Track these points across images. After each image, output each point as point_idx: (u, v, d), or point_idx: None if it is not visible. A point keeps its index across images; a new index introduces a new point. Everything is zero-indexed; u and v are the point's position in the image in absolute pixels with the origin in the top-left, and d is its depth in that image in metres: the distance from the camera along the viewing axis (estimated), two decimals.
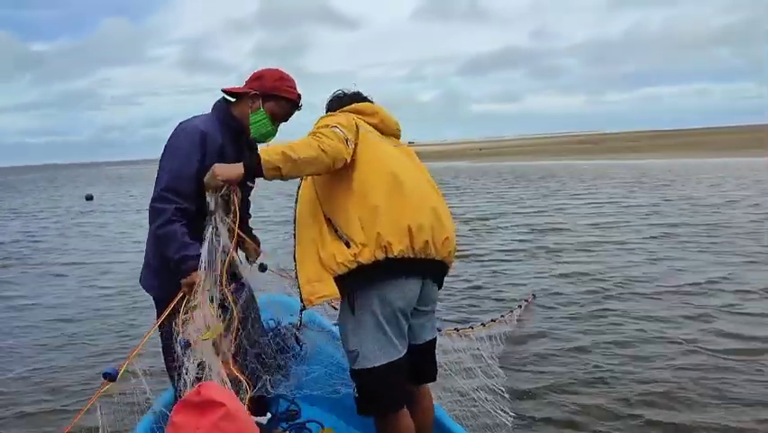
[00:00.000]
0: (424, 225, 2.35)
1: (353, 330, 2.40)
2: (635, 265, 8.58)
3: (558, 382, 4.71)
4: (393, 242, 2.28)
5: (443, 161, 56.75)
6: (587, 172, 29.79)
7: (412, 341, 2.52)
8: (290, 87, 2.75)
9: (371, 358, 2.36)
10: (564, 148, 67.91)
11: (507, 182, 26.92)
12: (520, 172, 33.37)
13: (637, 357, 5.12)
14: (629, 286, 7.44)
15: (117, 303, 7.93)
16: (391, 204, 2.33)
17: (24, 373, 5.48)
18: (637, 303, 6.72)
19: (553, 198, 19.01)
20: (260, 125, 2.72)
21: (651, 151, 47.42)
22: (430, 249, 2.37)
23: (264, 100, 2.70)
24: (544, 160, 47.57)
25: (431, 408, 2.71)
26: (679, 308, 6.44)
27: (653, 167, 31.02)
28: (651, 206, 15.26)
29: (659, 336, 5.61)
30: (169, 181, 2.54)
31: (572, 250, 10.04)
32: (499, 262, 9.47)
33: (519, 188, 23.17)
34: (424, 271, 2.41)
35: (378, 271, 2.30)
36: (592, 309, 6.56)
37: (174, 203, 2.52)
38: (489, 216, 15.45)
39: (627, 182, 22.69)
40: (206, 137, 2.60)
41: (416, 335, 2.54)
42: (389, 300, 2.34)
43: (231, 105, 2.79)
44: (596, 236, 11.20)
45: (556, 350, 5.40)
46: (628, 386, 4.55)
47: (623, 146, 60.29)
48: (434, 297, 2.55)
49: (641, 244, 10.21)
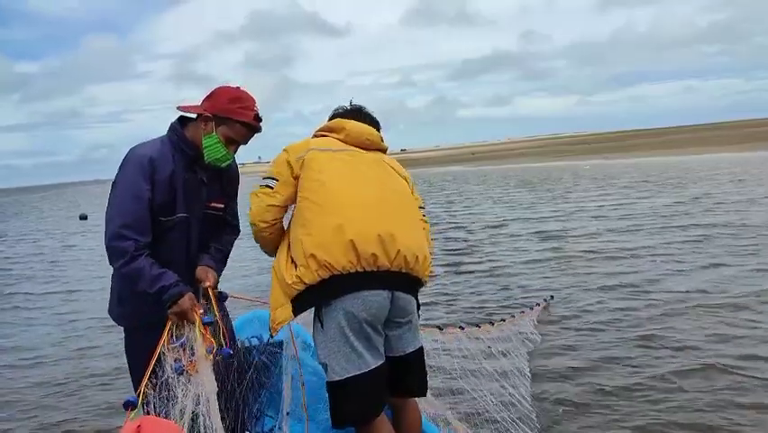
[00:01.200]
0: (369, 237, 2.35)
1: (322, 343, 2.42)
2: (675, 275, 7.91)
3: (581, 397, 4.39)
4: (333, 259, 2.31)
5: (437, 167, 56.69)
6: (589, 173, 29.44)
7: (390, 353, 2.52)
8: (245, 108, 2.58)
9: (339, 371, 2.38)
10: (557, 149, 68.17)
11: (509, 186, 26.53)
12: (519, 175, 33.04)
13: (662, 378, 4.60)
14: (673, 301, 6.69)
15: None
16: (332, 220, 2.36)
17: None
18: (686, 319, 6.09)
19: (565, 200, 18.49)
20: (212, 150, 2.59)
21: (645, 149, 47.49)
22: (381, 261, 2.36)
23: (217, 123, 2.56)
24: (540, 162, 47.58)
25: (417, 421, 2.70)
26: (728, 325, 5.83)
27: (653, 165, 30.80)
28: (673, 205, 14.73)
29: (697, 358, 5.01)
30: (123, 218, 2.46)
31: (600, 258, 9.43)
32: (519, 274, 8.89)
33: (524, 192, 22.76)
34: (389, 283, 2.39)
35: (329, 289, 2.34)
36: (636, 333, 5.89)
37: (131, 239, 2.44)
38: (501, 221, 14.93)
39: (636, 181, 22.33)
40: (155, 165, 2.51)
41: (393, 346, 2.52)
42: (353, 313, 2.34)
43: (186, 125, 2.66)
44: (623, 241, 10.57)
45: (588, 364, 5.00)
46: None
47: (616, 146, 60.37)
48: (411, 308, 2.52)
49: (670, 248, 9.66)
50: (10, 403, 5.28)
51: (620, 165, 33.73)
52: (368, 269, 2.35)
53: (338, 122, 2.73)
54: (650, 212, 13.83)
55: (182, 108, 2.64)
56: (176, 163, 2.57)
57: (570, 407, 4.24)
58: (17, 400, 5.35)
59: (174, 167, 2.56)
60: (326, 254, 2.31)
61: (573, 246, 10.51)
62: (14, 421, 4.89)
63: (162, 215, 2.55)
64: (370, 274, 2.36)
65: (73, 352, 6.66)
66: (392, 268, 2.39)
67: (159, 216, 2.54)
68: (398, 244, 2.39)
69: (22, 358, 6.61)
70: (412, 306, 2.53)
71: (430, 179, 40.32)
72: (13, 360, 6.56)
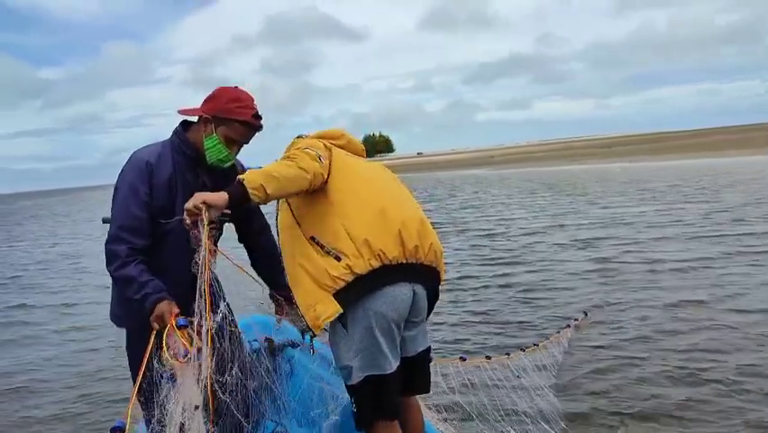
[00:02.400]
0: (411, 229, 2.35)
1: (346, 346, 2.37)
2: (739, 293, 7.03)
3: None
4: (386, 248, 2.29)
5: (456, 170, 56.06)
6: (620, 176, 28.37)
7: (404, 354, 2.48)
8: (244, 108, 2.59)
9: (366, 372, 2.35)
10: (577, 152, 67.09)
11: (536, 190, 25.43)
12: (544, 179, 32.12)
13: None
14: (734, 325, 5.86)
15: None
16: (376, 211, 2.35)
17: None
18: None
19: (601, 205, 17.32)
20: (214, 151, 2.60)
21: (673, 152, 46.04)
22: (420, 253, 2.37)
23: (217, 124, 2.58)
24: (562, 165, 46.61)
25: (420, 420, 2.70)
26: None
27: (684, 168, 29.71)
28: (721, 211, 13.66)
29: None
30: (120, 221, 2.51)
31: (652, 270, 8.54)
32: (560, 287, 8.09)
33: (555, 196, 21.71)
34: (414, 278, 2.38)
35: (374, 279, 2.29)
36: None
37: (127, 243, 2.48)
38: (537, 228, 13.97)
39: (671, 185, 21.21)
40: (152, 169, 2.55)
41: (407, 347, 2.50)
42: (383, 313, 2.31)
43: (188, 128, 2.68)
44: (674, 251, 9.60)
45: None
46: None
47: (638, 149, 59.16)
48: (425, 306, 2.50)
49: (730, 260, 8.74)
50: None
51: (648, 168, 32.68)
52: (410, 260, 2.35)
53: (337, 130, 2.74)
54: (699, 218, 12.78)
55: (183, 112, 2.66)
56: (176, 166, 2.60)
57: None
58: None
59: (173, 170, 2.58)
60: (381, 243, 2.29)
61: (620, 256, 9.64)
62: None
63: (162, 217, 2.55)
64: (408, 267, 2.35)
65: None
66: (425, 261, 2.40)
67: (158, 218, 2.54)
68: (431, 237, 2.42)
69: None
70: (426, 304, 2.50)
71: (451, 181, 39.61)
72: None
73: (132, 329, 2.68)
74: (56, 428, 4.96)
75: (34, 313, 9.59)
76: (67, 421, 5.05)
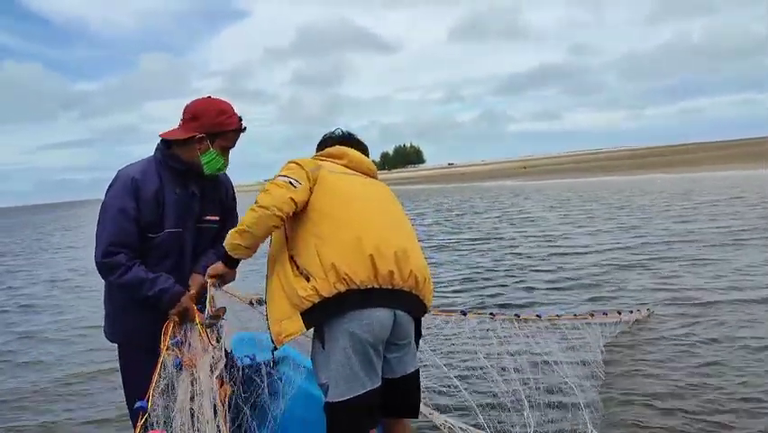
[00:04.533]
0: (386, 254, 2.37)
1: (323, 363, 2.43)
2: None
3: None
4: (352, 272, 2.32)
5: (488, 181, 55.10)
6: (663, 187, 27.00)
7: (389, 375, 2.52)
8: (231, 117, 2.71)
9: (339, 392, 2.38)
10: (611, 164, 65.55)
11: (585, 204, 23.80)
12: (587, 190, 30.88)
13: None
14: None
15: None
16: (350, 234, 2.39)
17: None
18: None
19: (671, 218, 15.51)
20: (213, 163, 2.73)
21: (710, 162, 44.27)
22: (396, 279, 2.38)
23: (212, 139, 2.68)
24: (596, 176, 45.26)
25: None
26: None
27: (733, 178, 28.27)
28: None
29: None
30: (111, 238, 2.57)
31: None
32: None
33: (606, 209, 19.95)
34: (393, 303, 2.40)
35: (342, 303, 2.32)
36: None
37: (121, 253, 2.57)
38: (600, 247, 12.39)
39: (738, 197, 19.54)
40: (138, 185, 2.62)
41: (393, 368, 2.53)
42: (356, 334, 2.34)
43: (175, 146, 2.72)
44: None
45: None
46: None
47: (677, 159, 57.39)
48: (411, 330, 2.54)
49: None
50: None
51: (687, 180, 31.30)
52: (384, 286, 2.36)
53: (339, 149, 2.80)
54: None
55: (166, 135, 2.72)
56: (162, 180, 2.68)
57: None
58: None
59: (159, 184, 2.66)
60: (347, 267, 2.32)
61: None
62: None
63: (151, 231, 2.64)
64: (384, 292, 2.37)
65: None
66: (404, 287, 2.41)
67: (147, 232, 2.63)
68: (411, 264, 2.43)
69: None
70: (411, 327, 2.54)
71: (484, 193, 38.61)
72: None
73: (124, 343, 2.81)
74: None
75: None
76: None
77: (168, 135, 2.71)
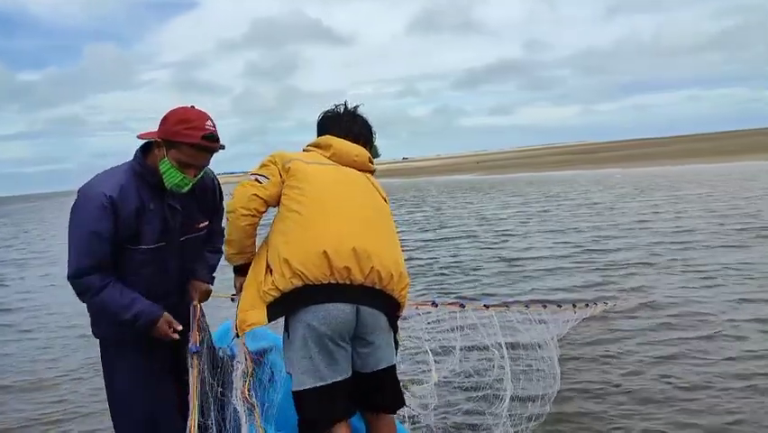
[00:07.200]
0: (342, 250, 2.38)
1: (287, 354, 2.51)
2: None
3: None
4: (305, 268, 2.36)
5: (442, 176, 55.50)
6: (622, 182, 27.53)
7: (361, 369, 2.53)
8: (192, 130, 2.47)
9: (299, 382, 2.45)
10: (566, 159, 66.79)
11: (544, 196, 23.84)
12: (545, 184, 31.32)
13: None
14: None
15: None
16: (309, 230, 2.43)
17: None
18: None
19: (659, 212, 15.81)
20: (168, 176, 2.54)
21: (657, 158, 45.49)
22: (354, 275, 2.40)
23: (168, 148, 2.51)
24: (552, 170, 45.99)
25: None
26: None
27: (677, 174, 29.09)
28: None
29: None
30: (81, 259, 2.48)
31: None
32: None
33: (567, 204, 20.12)
34: (354, 298, 2.41)
35: (300, 298, 2.38)
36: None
37: (93, 274, 2.49)
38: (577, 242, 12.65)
39: (674, 192, 20.28)
40: (115, 204, 2.48)
41: (365, 363, 2.53)
42: (313, 327, 2.38)
43: (147, 153, 2.61)
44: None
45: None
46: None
47: (627, 155, 58.87)
48: (380, 325, 2.51)
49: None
50: None
51: (642, 174, 32.08)
52: (340, 281, 2.39)
53: (326, 139, 2.77)
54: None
55: (142, 136, 2.60)
56: (142, 195, 2.56)
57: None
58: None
59: (139, 201, 2.54)
60: (300, 263, 2.36)
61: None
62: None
63: (129, 243, 2.54)
64: (342, 287, 2.39)
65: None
66: (365, 283, 2.42)
67: (125, 244, 2.53)
68: (373, 261, 2.42)
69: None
70: (381, 322, 2.51)
71: (447, 186, 38.81)
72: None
73: (106, 340, 2.75)
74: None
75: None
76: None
77: (142, 136, 2.60)
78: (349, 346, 2.48)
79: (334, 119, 2.88)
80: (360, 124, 2.88)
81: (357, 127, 2.86)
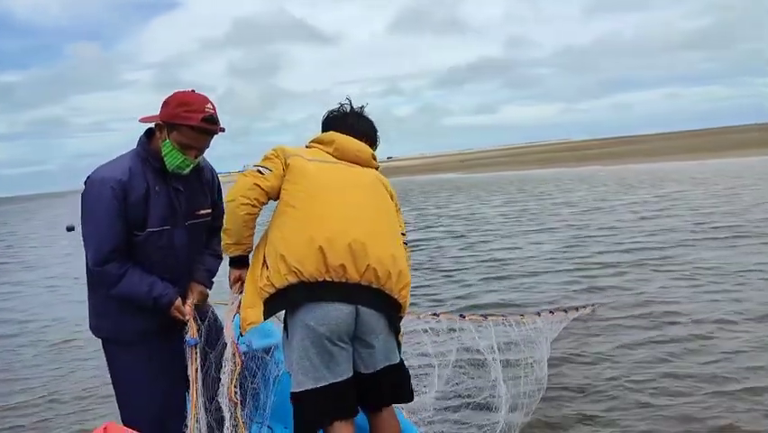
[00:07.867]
0: (338, 247, 2.36)
1: (287, 353, 2.51)
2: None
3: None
4: (300, 264, 2.34)
5: (427, 174, 55.50)
6: (604, 179, 27.70)
7: (362, 370, 2.50)
8: (192, 112, 2.56)
9: (298, 382, 2.43)
10: (550, 156, 67.33)
11: (542, 194, 23.94)
12: (533, 182, 31.40)
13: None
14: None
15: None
16: (305, 226, 2.41)
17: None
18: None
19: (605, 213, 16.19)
20: (170, 157, 2.63)
21: (644, 155, 46.03)
22: (350, 273, 2.37)
23: (169, 130, 2.60)
24: (536, 168, 46.25)
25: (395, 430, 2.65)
26: None
27: (669, 169, 29.35)
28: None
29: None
30: (104, 243, 2.55)
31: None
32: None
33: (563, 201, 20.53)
34: (352, 298, 2.38)
35: (295, 295, 2.36)
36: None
37: (113, 261, 2.55)
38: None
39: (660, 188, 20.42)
40: (126, 188, 2.56)
41: (365, 363, 2.50)
42: (312, 327, 2.36)
43: (153, 136, 2.70)
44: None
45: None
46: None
47: (608, 152, 59.38)
48: (381, 326, 2.47)
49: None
50: None
51: (624, 171, 32.34)
52: (336, 279, 2.36)
53: (329, 135, 2.76)
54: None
55: (144, 120, 2.68)
56: (148, 179, 2.63)
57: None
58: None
59: (147, 183, 2.62)
60: (296, 260, 2.35)
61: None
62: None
63: (135, 228, 2.59)
64: (337, 286, 2.36)
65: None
66: (361, 281, 2.38)
67: (132, 229, 2.59)
68: (370, 258, 2.38)
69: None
70: (382, 324, 2.47)
71: (432, 185, 38.84)
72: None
73: (109, 340, 2.79)
74: None
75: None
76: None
77: (144, 119, 2.68)
78: (350, 347, 2.45)
79: (340, 118, 2.88)
80: (365, 123, 2.89)
81: (361, 126, 2.86)
